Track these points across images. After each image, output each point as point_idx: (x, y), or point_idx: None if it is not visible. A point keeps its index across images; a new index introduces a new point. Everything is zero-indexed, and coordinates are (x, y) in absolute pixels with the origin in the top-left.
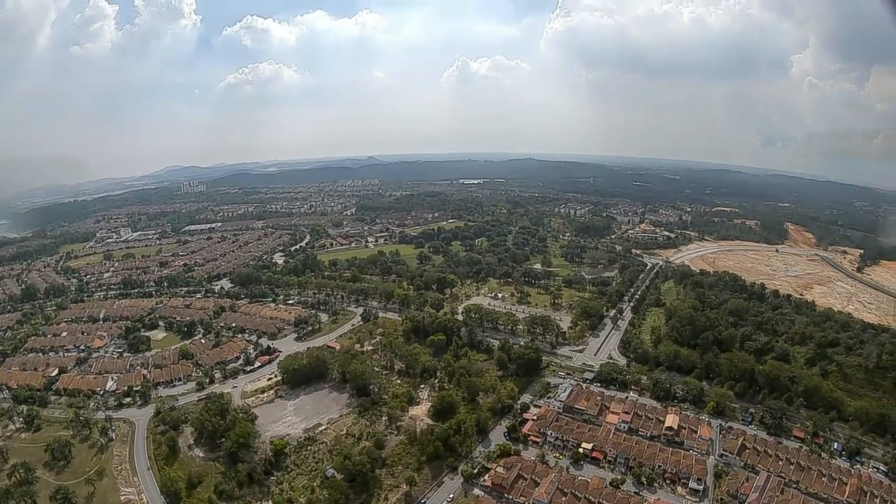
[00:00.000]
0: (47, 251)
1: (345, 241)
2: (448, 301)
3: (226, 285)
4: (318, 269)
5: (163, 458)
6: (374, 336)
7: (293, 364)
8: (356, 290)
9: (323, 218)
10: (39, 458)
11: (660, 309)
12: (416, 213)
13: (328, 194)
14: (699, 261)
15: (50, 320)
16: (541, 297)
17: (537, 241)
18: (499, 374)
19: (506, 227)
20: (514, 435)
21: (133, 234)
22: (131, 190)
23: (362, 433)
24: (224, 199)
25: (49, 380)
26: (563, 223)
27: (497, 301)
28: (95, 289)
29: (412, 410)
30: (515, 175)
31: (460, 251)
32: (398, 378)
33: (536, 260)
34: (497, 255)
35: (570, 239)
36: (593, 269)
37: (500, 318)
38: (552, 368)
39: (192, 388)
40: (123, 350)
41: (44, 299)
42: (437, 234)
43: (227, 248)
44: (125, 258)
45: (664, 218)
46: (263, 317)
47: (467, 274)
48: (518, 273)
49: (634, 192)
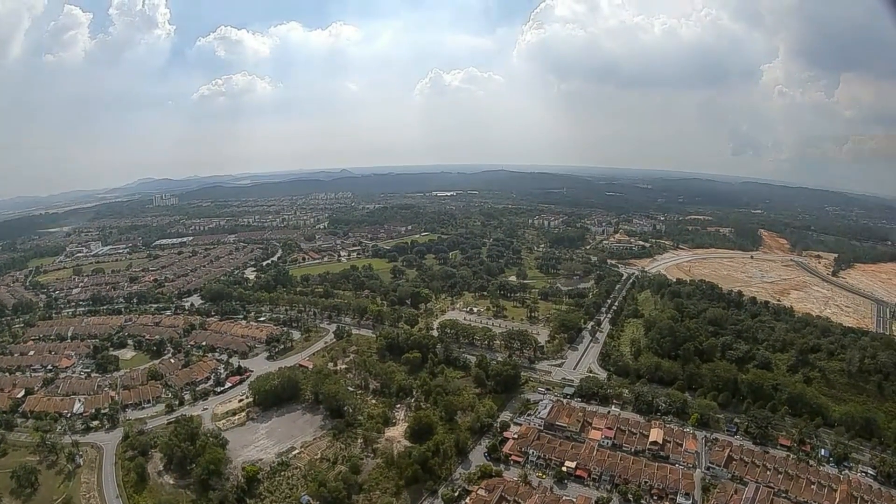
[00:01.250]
0: (17, 265)
1: (317, 256)
2: (423, 316)
3: (196, 301)
4: (290, 284)
5: (132, 485)
6: (348, 354)
7: (264, 385)
8: (329, 306)
9: (295, 232)
10: (6, 486)
11: (638, 320)
12: (390, 227)
13: (301, 207)
14: (675, 269)
15: (17, 338)
16: (517, 311)
17: (512, 254)
18: (477, 392)
19: (480, 240)
20: (495, 455)
21: (104, 248)
22: (103, 202)
23: (337, 457)
24: (196, 213)
25: (15, 401)
26: (537, 234)
27: (473, 315)
28: (64, 305)
29: (388, 432)
30: (489, 187)
31: (434, 265)
32: (373, 398)
33: (511, 272)
34: (472, 267)
35: (544, 250)
36: (569, 280)
37: (476, 333)
38: (531, 384)
39: (161, 410)
40: (91, 370)
41: (11, 316)
42: (411, 248)
43: (199, 262)
44: (95, 273)
45: (638, 227)
46: (234, 335)
47: (442, 288)
48: (493, 286)
49: (608, 202)
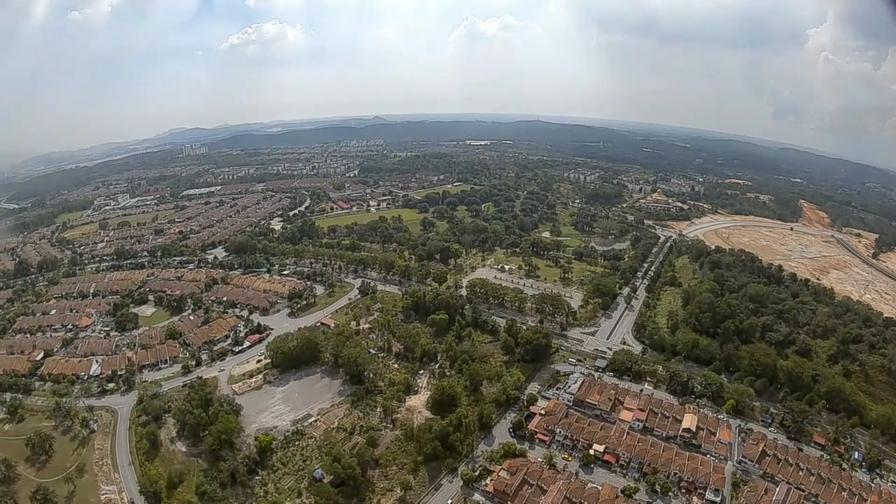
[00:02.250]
0: (45, 221)
1: (346, 206)
2: (452, 273)
3: (220, 254)
4: (317, 235)
5: (144, 452)
6: (372, 312)
7: (282, 346)
8: (355, 259)
9: (325, 180)
10: (21, 453)
11: (676, 289)
12: (421, 176)
13: (332, 155)
14: (713, 235)
15: (40, 297)
16: (550, 271)
17: (546, 208)
18: (504, 360)
19: (513, 192)
20: (521, 432)
21: (131, 200)
22: (133, 154)
23: (354, 427)
24: (225, 162)
25: (34, 364)
26: (572, 189)
27: (504, 274)
28: (89, 261)
29: (410, 401)
30: (523, 137)
31: (466, 217)
32: (396, 362)
33: (545, 228)
34: (504, 222)
35: (580, 207)
36: (604, 239)
37: (506, 294)
38: (562, 353)
39: (177, 371)
40: (111, 328)
41: (37, 274)
42: (442, 199)
43: (225, 213)
44: (120, 227)
45: (676, 188)
46: (256, 290)
47: (473, 243)
48: (526, 243)
49: (645, 158)
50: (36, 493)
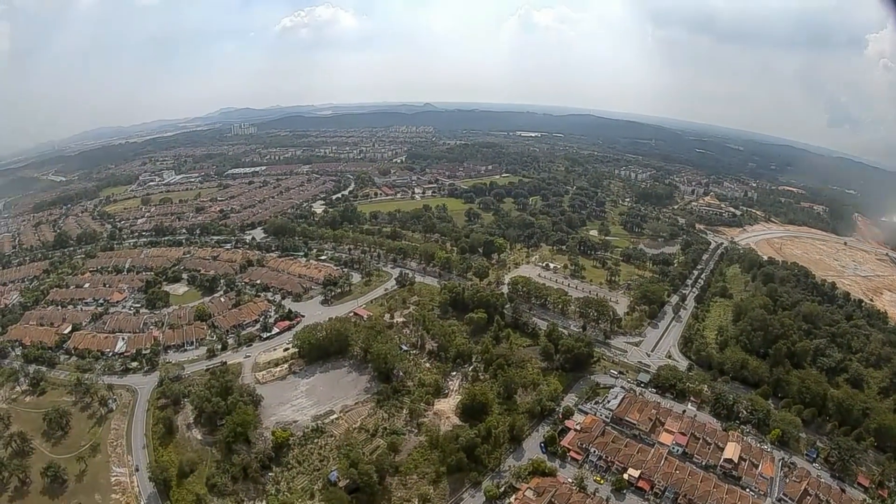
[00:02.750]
0: (89, 195)
1: (390, 192)
2: (494, 268)
3: (259, 235)
4: (358, 221)
5: (159, 436)
6: (408, 305)
7: (311, 337)
8: (395, 248)
9: (371, 165)
10: (39, 427)
11: (726, 301)
12: (469, 165)
13: (380, 140)
14: (765, 245)
15: (76, 270)
16: (596, 272)
17: (595, 206)
18: (542, 367)
19: (562, 187)
20: (552, 448)
21: (176, 176)
22: (183, 132)
23: (377, 428)
24: (273, 142)
25: (61, 337)
26: (623, 187)
27: (548, 272)
28: (128, 235)
29: (438, 404)
30: (574, 131)
31: (512, 210)
32: (428, 361)
33: (593, 226)
34: (552, 217)
35: (630, 206)
36: (653, 241)
37: (550, 295)
38: (603, 364)
39: (202, 354)
40: (141, 305)
41: (75, 246)
42: (489, 189)
43: (268, 193)
44: (162, 203)
45: (729, 192)
46: (291, 274)
47: (518, 237)
48: (573, 241)
49: (698, 159)
50: (47, 469)
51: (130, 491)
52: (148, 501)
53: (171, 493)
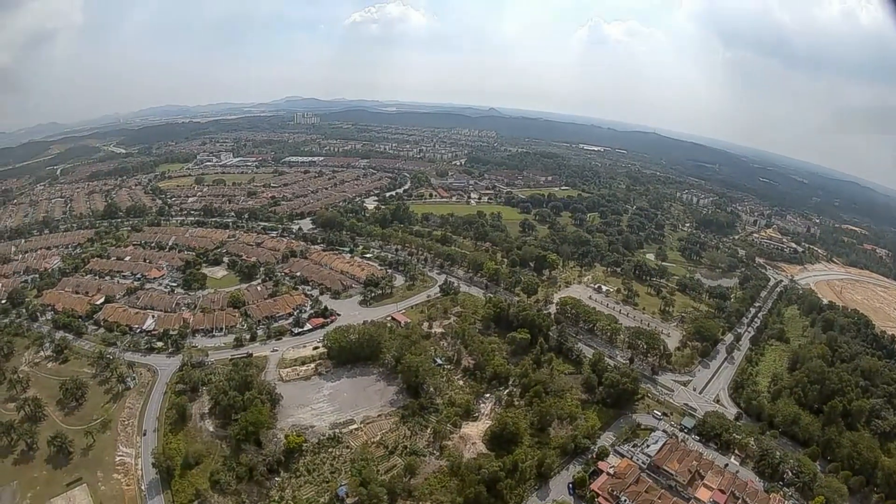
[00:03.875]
0: (145, 169)
1: (445, 194)
2: (544, 285)
3: (306, 226)
4: (409, 221)
5: (171, 422)
6: (449, 315)
7: (341, 339)
8: (443, 253)
9: (430, 165)
10: (55, 394)
11: (782, 345)
12: (529, 174)
13: (441, 141)
14: (825, 287)
15: (120, 242)
16: (650, 300)
17: (654, 228)
18: (582, 398)
19: (622, 206)
20: (581, 491)
21: (233, 159)
22: (246, 116)
23: (397, 446)
24: (334, 134)
25: (93, 308)
26: (683, 211)
27: (600, 295)
28: (176, 213)
29: (466, 428)
30: (637, 148)
31: (569, 225)
32: (462, 378)
33: (651, 249)
34: (608, 236)
35: (689, 231)
36: (711, 272)
37: (599, 320)
38: (647, 403)
39: (230, 342)
40: (177, 285)
41: (123, 218)
42: (547, 201)
43: (322, 184)
44: (215, 183)
45: (791, 226)
46: (333, 269)
47: (572, 255)
48: (629, 264)
49: (761, 189)
50: (54, 438)
51: (133, 473)
52: (149, 487)
53: (173, 482)
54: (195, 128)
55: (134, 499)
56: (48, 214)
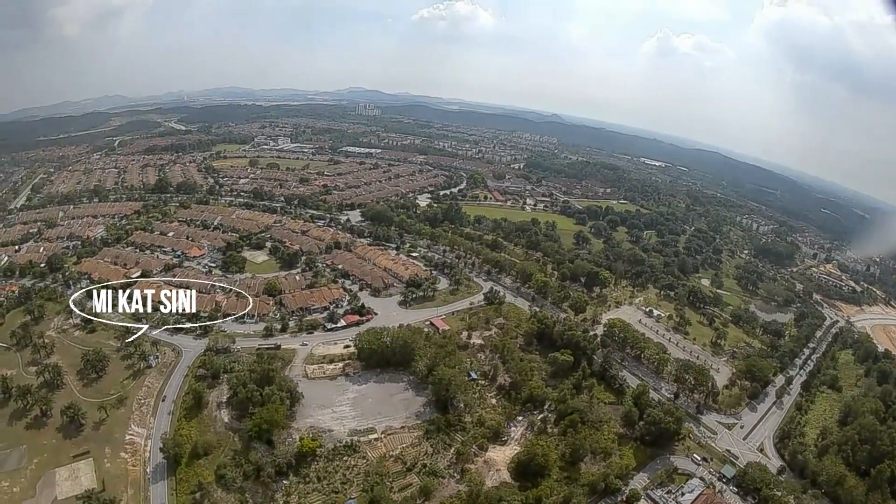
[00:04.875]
0: (202, 147)
1: (501, 198)
2: (593, 303)
3: (355, 218)
4: (460, 222)
5: (186, 408)
6: (491, 326)
7: (374, 339)
8: (491, 260)
9: (487, 167)
10: (77, 364)
11: (834, 394)
12: (587, 184)
13: (501, 143)
14: (881, 332)
15: (166, 217)
16: (702, 330)
17: (712, 253)
18: (620, 432)
19: (680, 225)
20: None
21: (290, 144)
22: (308, 103)
23: (416, 462)
24: (394, 127)
25: (127, 281)
26: (742, 237)
27: (650, 320)
28: (226, 193)
29: (493, 451)
30: (699, 166)
31: (624, 240)
32: (496, 396)
33: (706, 275)
34: (665, 257)
35: (747, 259)
36: (766, 304)
37: (647, 348)
38: (688, 444)
39: (259, 330)
40: (216, 266)
41: (173, 194)
42: (604, 214)
43: (376, 177)
44: (268, 167)
45: (851, 263)
46: (377, 265)
47: (625, 273)
48: (683, 290)
49: (822, 220)
50: (68, 408)
51: (140, 454)
52: (154, 471)
53: (179, 469)
54: (257, 111)
55: (137, 480)
56: (100, 183)
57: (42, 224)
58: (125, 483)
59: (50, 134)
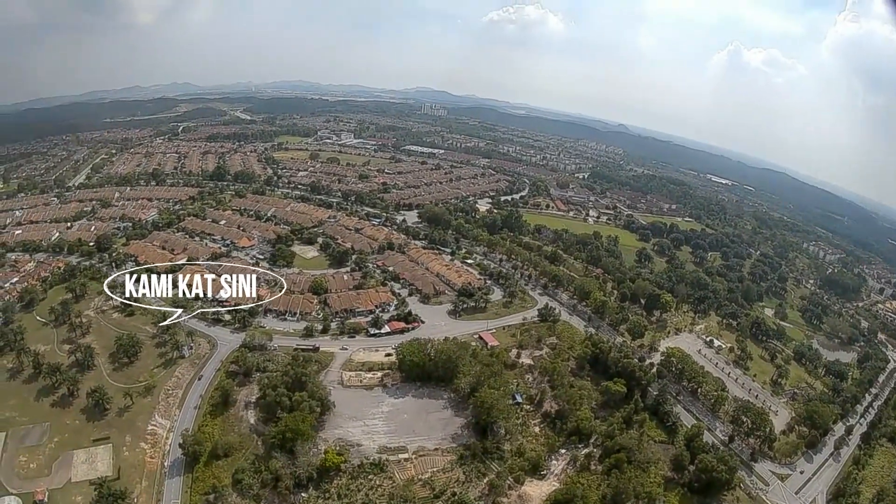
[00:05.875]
0: (264, 138)
1: (563, 207)
2: (652, 328)
3: (411, 219)
4: (519, 230)
5: (213, 404)
6: (542, 346)
7: (417, 351)
8: (549, 273)
9: (551, 174)
10: (110, 347)
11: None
12: (652, 199)
13: (566, 150)
14: None
15: (220, 205)
16: (762, 366)
17: (777, 281)
18: (668, 476)
19: (746, 248)
20: None
21: (353, 139)
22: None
23: (445, 491)
24: (459, 129)
25: (172, 266)
26: (808, 265)
27: (710, 350)
28: (284, 185)
29: (529, 486)
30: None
31: (688, 261)
32: (540, 424)
33: (770, 304)
34: (729, 281)
35: (812, 290)
36: (829, 340)
37: (706, 383)
38: (738, 494)
39: (299, 330)
40: (264, 258)
41: (230, 182)
42: (668, 231)
43: (437, 178)
44: (328, 161)
45: None
46: (429, 270)
47: (687, 297)
48: (747, 320)
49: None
50: (94, 391)
51: (160, 446)
52: (171, 465)
53: (196, 468)
54: (323, 105)
55: (153, 473)
56: (159, 167)
57: (97, 203)
58: (141, 474)
59: (117, 116)
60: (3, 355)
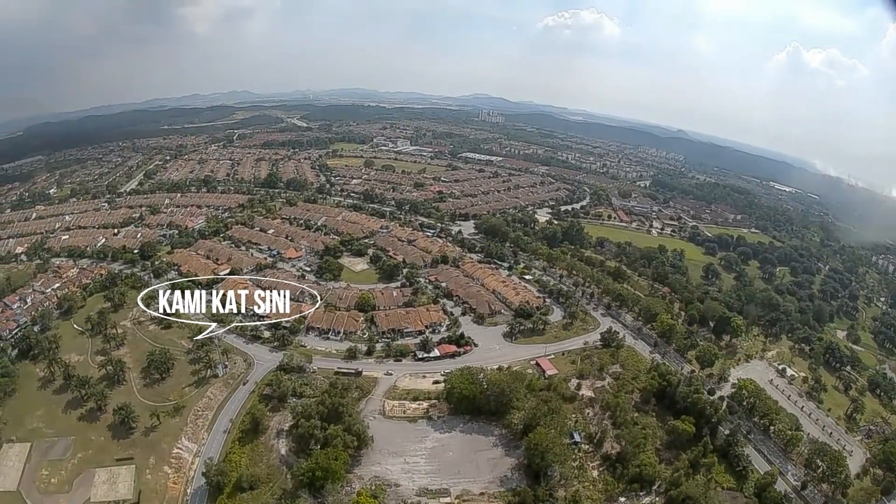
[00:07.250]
0: (319, 144)
1: (626, 218)
2: (722, 355)
3: (467, 230)
4: (581, 243)
5: (242, 430)
6: (605, 375)
7: (467, 381)
8: (613, 291)
9: (612, 182)
10: (141, 361)
11: None
12: (717, 209)
13: (626, 157)
14: None
15: (270, 213)
16: (836, 398)
17: (848, 299)
18: None
19: (814, 263)
20: None
21: (409, 147)
22: (432, 107)
23: None
24: (517, 136)
25: (214, 278)
26: (879, 281)
27: (782, 380)
28: (336, 193)
29: None
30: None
31: (756, 277)
32: (599, 467)
33: (841, 325)
34: (800, 300)
35: (885, 310)
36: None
37: (779, 420)
38: None
39: (342, 350)
40: (311, 270)
41: (282, 189)
42: (735, 244)
43: (495, 186)
44: (383, 169)
45: None
46: (485, 286)
47: (757, 319)
48: (820, 346)
49: None
50: (121, 408)
51: (185, 471)
52: (194, 493)
53: (219, 498)
54: (379, 112)
55: (175, 499)
56: (212, 174)
57: (146, 209)
58: (162, 500)
59: (174, 124)
60: (36, 363)
